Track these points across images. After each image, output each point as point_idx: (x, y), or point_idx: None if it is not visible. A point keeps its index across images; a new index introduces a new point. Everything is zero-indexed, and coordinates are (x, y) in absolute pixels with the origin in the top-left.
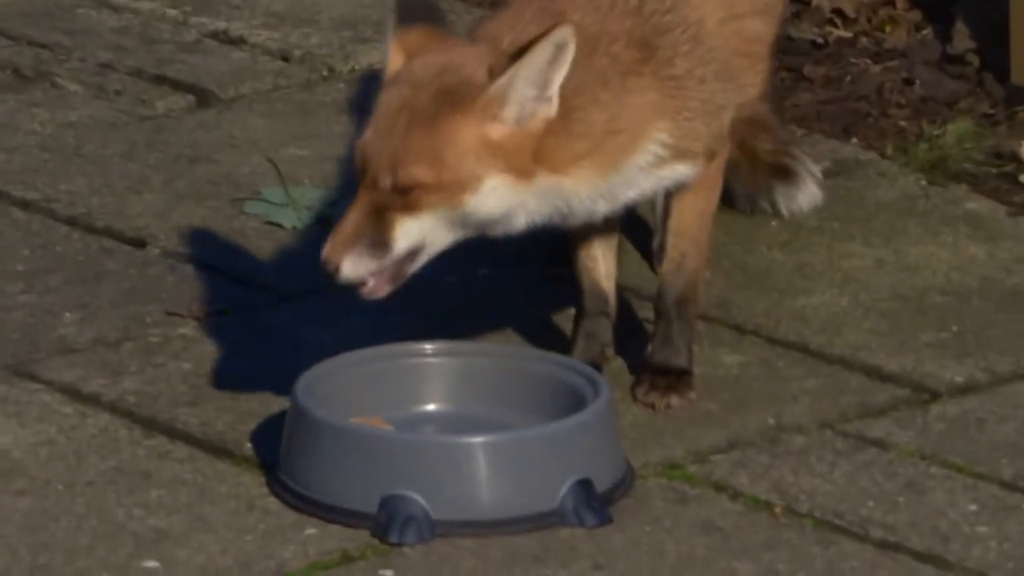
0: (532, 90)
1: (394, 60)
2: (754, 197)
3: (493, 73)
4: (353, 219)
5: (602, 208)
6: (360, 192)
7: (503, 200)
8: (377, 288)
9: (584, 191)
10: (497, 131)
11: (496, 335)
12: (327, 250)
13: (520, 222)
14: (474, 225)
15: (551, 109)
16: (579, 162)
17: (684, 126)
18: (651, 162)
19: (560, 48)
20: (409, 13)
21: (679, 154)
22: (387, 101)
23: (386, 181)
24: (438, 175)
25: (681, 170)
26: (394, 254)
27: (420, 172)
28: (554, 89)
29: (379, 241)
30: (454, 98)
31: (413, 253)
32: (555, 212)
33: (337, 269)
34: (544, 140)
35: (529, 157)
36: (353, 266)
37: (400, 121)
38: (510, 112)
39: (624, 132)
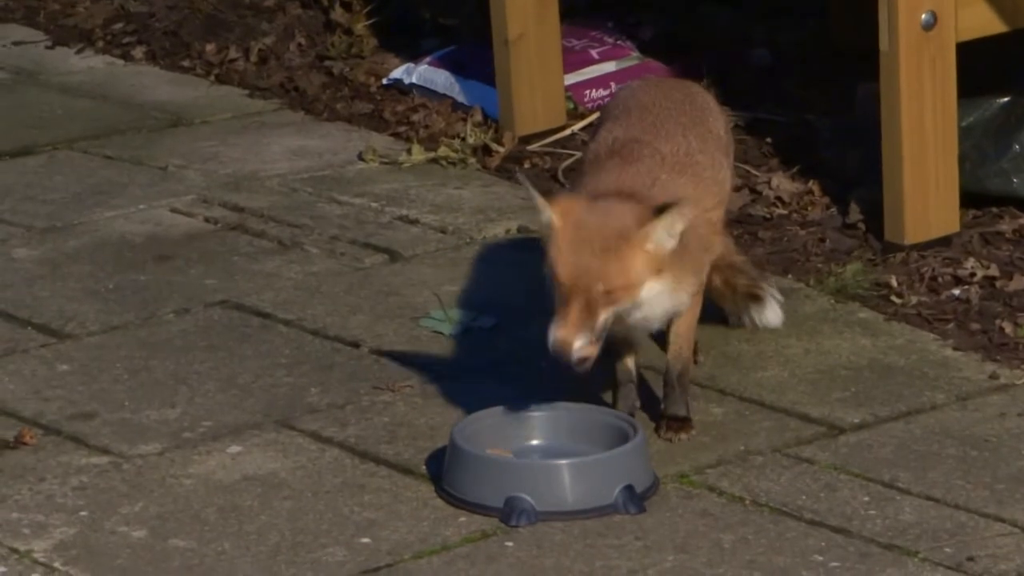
0: (667, 237)
1: (557, 219)
2: (738, 315)
3: (641, 221)
4: (575, 314)
5: (661, 317)
6: (573, 295)
7: (651, 291)
8: (589, 360)
9: (668, 288)
10: (648, 253)
11: (572, 399)
12: (561, 336)
13: (650, 313)
14: (633, 312)
15: (674, 243)
16: (668, 269)
17: (690, 272)
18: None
19: (684, 216)
20: (541, 186)
21: (687, 287)
22: (576, 240)
23: (598, 288)
24: (628, 280)
25: (683, 298)
26: (600, 332)
27: (620, 280)
28: (677, 236)
29: (593, 326)
30: (624, 236)
31: (605, 332)
32: (653, 312)
33: (570, 347)
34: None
35: (662, 266)
36: (581, 344)
37: (595, 252)
38: (651, 244)
39: (675, 264)
